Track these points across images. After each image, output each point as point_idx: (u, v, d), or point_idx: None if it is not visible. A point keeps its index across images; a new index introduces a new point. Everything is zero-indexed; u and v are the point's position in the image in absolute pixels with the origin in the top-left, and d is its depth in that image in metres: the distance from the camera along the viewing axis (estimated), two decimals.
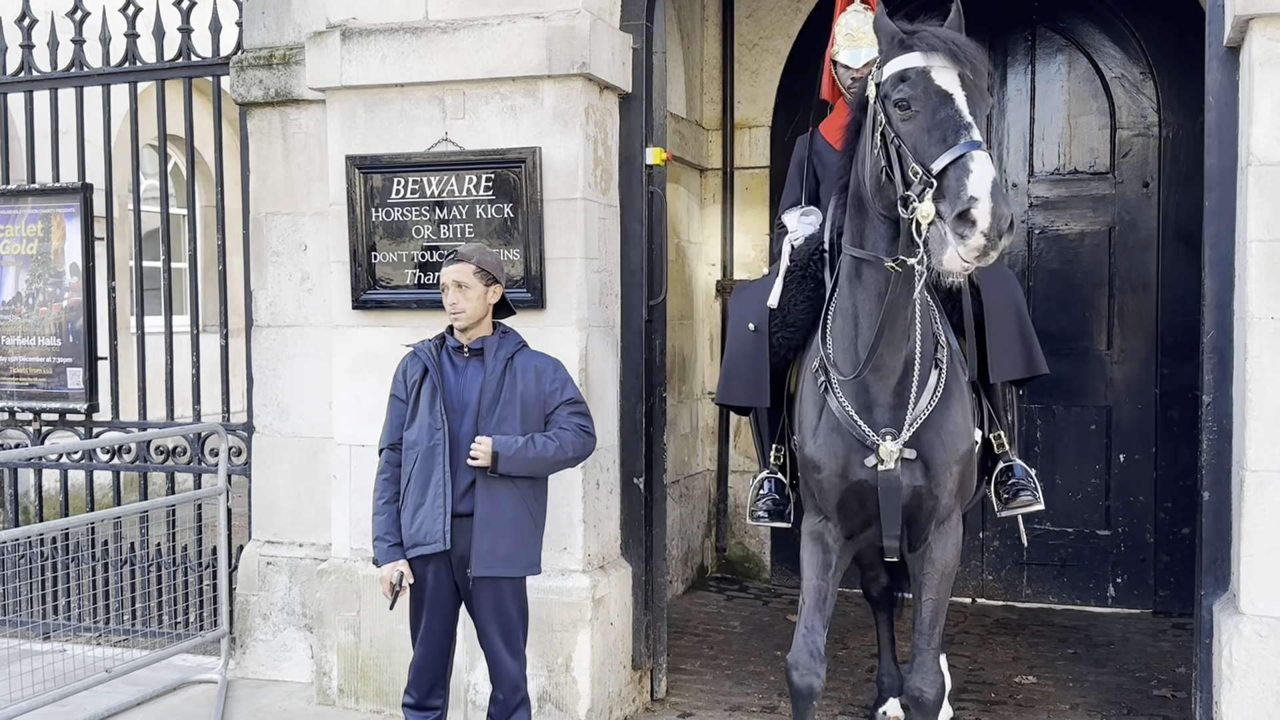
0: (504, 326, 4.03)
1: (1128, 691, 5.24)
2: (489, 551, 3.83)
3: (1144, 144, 6.50)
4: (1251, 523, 4.03)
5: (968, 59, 3.24)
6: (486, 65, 4.70)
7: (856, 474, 3.71)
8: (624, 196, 5.00)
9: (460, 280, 3.85)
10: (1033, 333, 4.17)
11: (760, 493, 4.25)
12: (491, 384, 3.87)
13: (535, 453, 3.82)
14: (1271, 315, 3.97)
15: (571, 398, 3.97)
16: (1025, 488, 4.08)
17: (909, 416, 3.64)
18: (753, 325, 4.18)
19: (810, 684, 3.90)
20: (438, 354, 3.94)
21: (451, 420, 3.84)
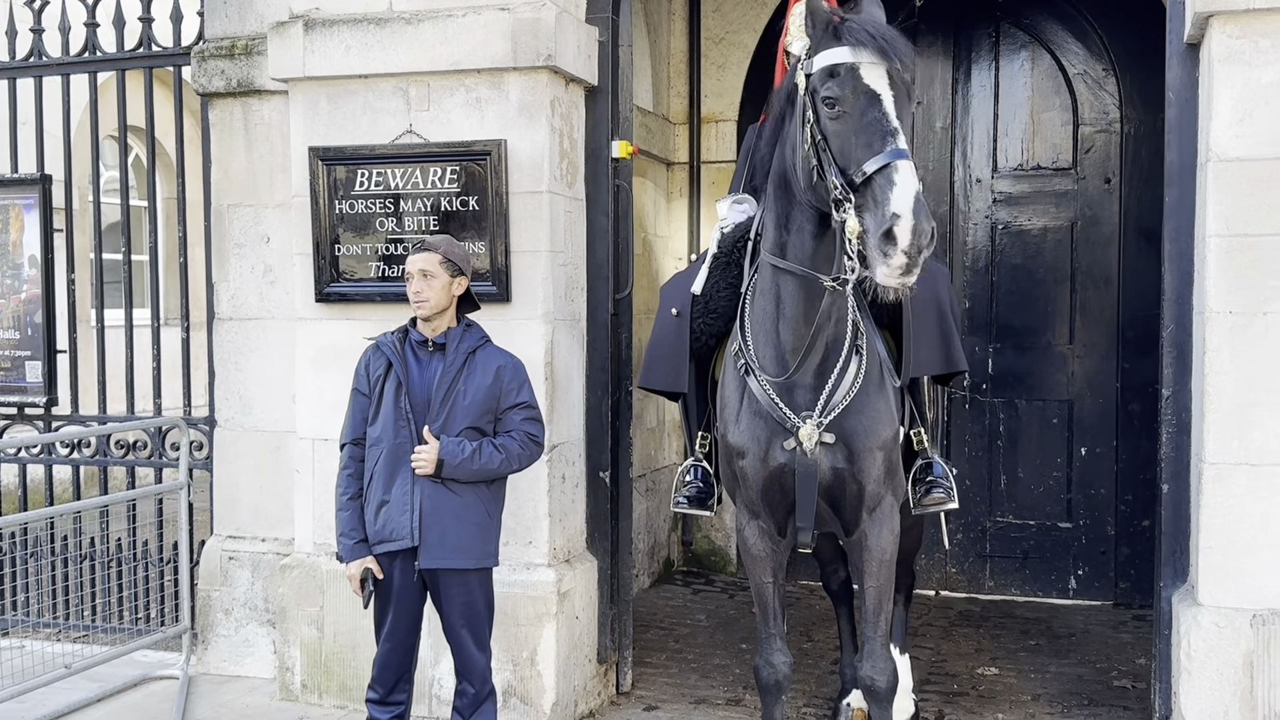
0: (469, 320, 3.99)
1: (1088, 682, 5.30)
2: (438, 543, 3.79)
3: (1106, 140, 6.56)
4: (1210, 515, 4.08)
5: (897, 55, 3.18)
6: (451, 57, 4.67)
7: (778, 459, 3.70)
8: (590, 190, 4.99)
9: (425, 269, 3.81)
10: (954, 329, 4.16)
11: (685, 480, 4.24)
12: (447, 377, 3.82)
13: (480, 464, 3.77)
14: (1230, 310, 4.02)
15: (526, 401, 3.93)
16: (939, 486, 4.08)
17: (829, 401, 3.65)
18: (675, 310, 4.17)
19: (778, 679, 3.93)
20: (401, 347, 3.89)
21: (416, 416, 3.80)
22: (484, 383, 3.85)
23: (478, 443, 3.80)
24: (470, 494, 3.82)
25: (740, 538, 3.98)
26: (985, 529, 6.72)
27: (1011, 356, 6.68)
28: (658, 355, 4.28)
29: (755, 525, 3.89)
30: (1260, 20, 3.96)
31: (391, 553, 3.84)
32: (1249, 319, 4.00)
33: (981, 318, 6.70)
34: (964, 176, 6.79)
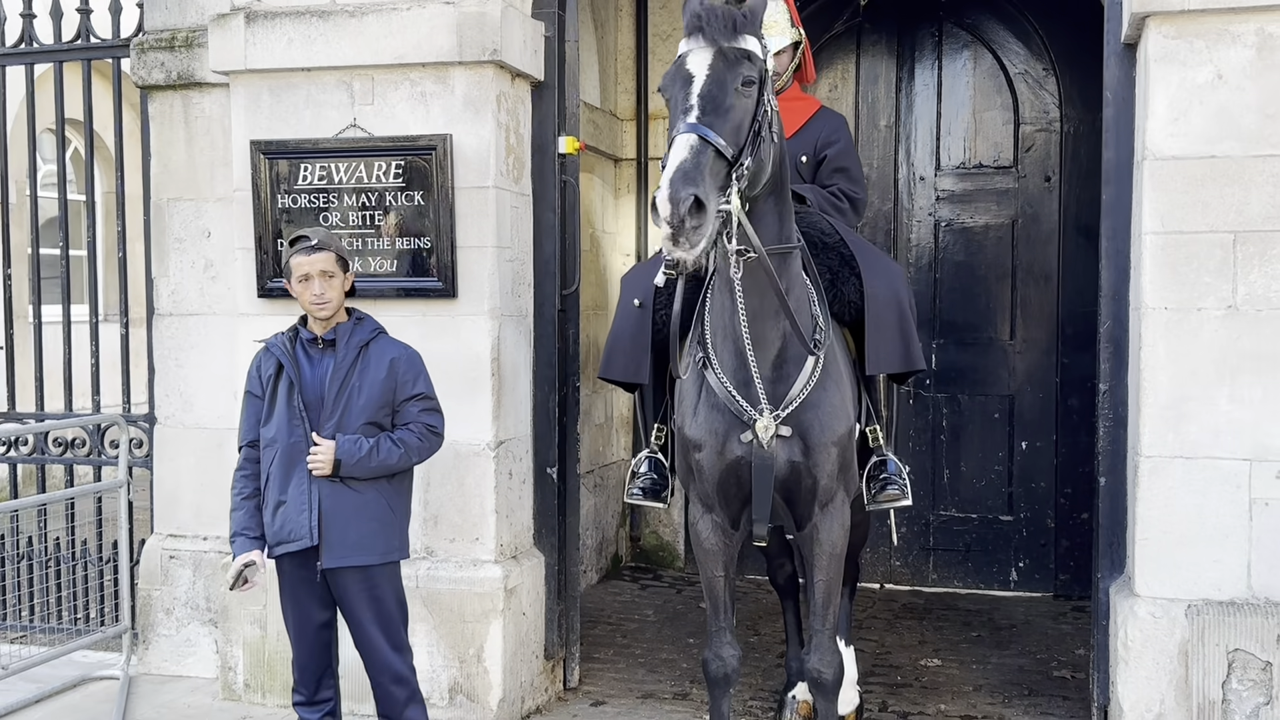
0: (359, 313, 3.92)
1: (1029, 673, 5.38)
2: (339, 541, 3.73)
3: (1046, 139, 6.66)
4: (1146, 507, 4.16)
5: (719, 30, 3.20)
6: (396, 51, 4.64)
7: (734, 452, 3.71)
8: (537, 185, 4.98)
9: (327, 269, 3.75)
10: (913, 328, 4.20)
11: (639, 471, 4.25)
12: (339, 374, 3.77)
13: (378, 460, 3.72)
14: (1165, 305, 4.10)
15: (423, 392, 3.88)
16: (894, 482, 4.12)
17: (786, 394, 3.67)
18: (638, 301, 4.18)
19: (727, 672, 3.95)
20: (291, 347, 3.83)
21: (310, 415, 3.75)
22: (378, 376, 3.79)
23: (375, 439, 3.74)
24: (371, 490, 3.77)
25: (693, 531, 3.98)
26: (929, 522, 6.80)
27: (954, 352, 6.76)
28: (618, 346, 4.28)
29: (709, 519, 3.91)
30: (1195, 21, 4.04)
31: (292, 553, 3.77)
32: (1184, 315, 4.08)
33: (925, 314, 6.77)
34: (908, 174, 6.86)
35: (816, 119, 4.65)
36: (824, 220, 4.31)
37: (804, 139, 4.60)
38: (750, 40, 3.27)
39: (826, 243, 4.17)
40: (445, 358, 4.71)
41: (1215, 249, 4.05)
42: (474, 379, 4.70)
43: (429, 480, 4.76)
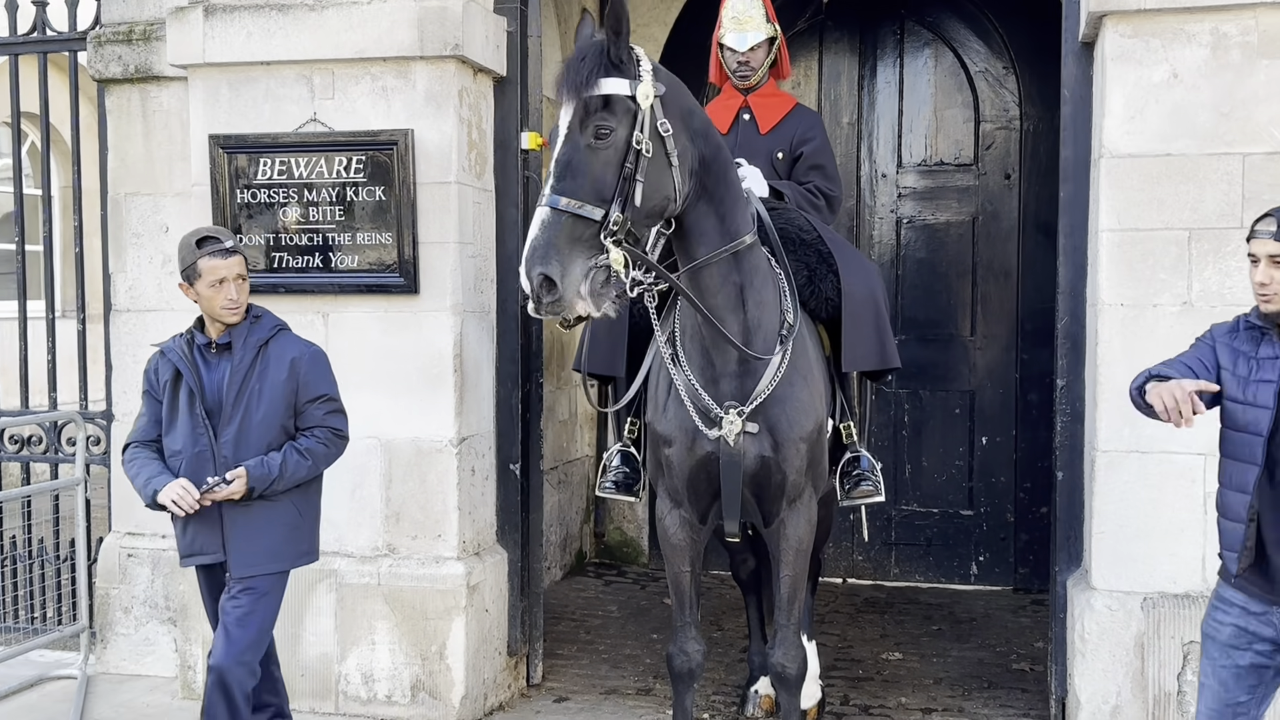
0: (257, 310, 3.77)
1: (989, 666, 5.44)
2: (250, 550, 3.66)
3: (1006, 137, 6.72)
4: (1102, 501, 4.21)
5: (578, 79, 3.14)
6: (356, 45, 4.61)
7: (704, 448, 3.73)
8: (499, 181, 4.96)
9: (241, 273, 3.66)
10: (888, 326, 4.23)
11: (610, 465, 4.26)
12: (237, 378, 3.66)
13: (288, 478, 3.64)
14: (1121, 302, 4.15)
15: (327, 394, 3.77)
16: (867, 479, 4.16)
17: (753, 390, 3.68)
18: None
19: (691, 667, 3.97)
20: (189, 352, 3.71)
21: (213, 422, 3.65)
22: (278, 378, 3.68)
23: (282, 455, 3.65)
24: (280, 497, 3.69)
25: (660, 526, 3.99)
26: (891, 517, 6.84)
27: (916, 348, 6.80)
28: (596, 340, 4.28)
29: (677, 514, 3.92)
30: (1151, 20, 4.09)
31: (203, 566, 3.75)
32: (1139, 311, 4.13)
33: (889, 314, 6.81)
34: (870, 171, 6.90)
35: (792, 116, 4.67)
36: (802, 217, 4.32)
37: (780, 135, 4.62)
38: (611, 81, 3.16)
39: (804, 239, 4.19)
40: (407, 354, 4.71)
41: (1170, 246, 4.10)
42: (436, 375, 4.68)
43: (390, 477, 4.74)
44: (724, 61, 4.65)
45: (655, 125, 3.25)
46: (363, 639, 4.75)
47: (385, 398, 4.72)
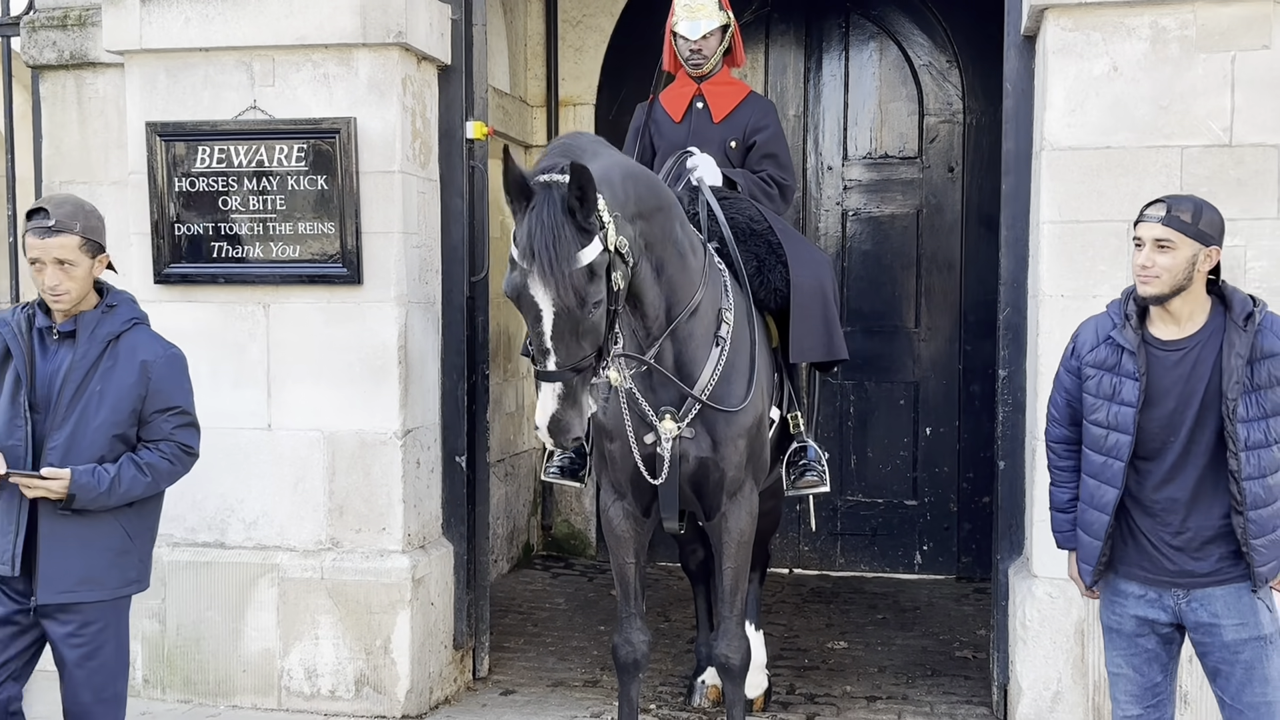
0: (115, 296, 3.28)
1: (932, 654, 5.49)
2: (58, 573, 3.15)
3: (950, 130, 6.77)
4: (1043, 490, 4.21)
5: (555, 260, 3.03)
6: (297, 31, 4.55)
7: (645, 446, 3.74)
8: (444, 171, 4.92)
9: (64, 258, 3.11)
10: (836, 317, 4.26)
11: (555, 452, 4.25)
12: (76, 374, 3.16)
13: (120, 494, 3.16)
14: (1061, 293, 4.20)
15: (180, 406, 3.29)
16: (813, 469, 4.18)
17: (690, 394, 3.68)
18: None
19: (636, 658, 3.97)
20: (27, 330, 3.20)
21: (37, 417, 3.16)
22: (126, 381, 3.20)
23: (117, 468, 3.17)
24: (106, 515, 3.19)
25: (604, 518, 3.99)
26: (836, 508, 6.88)
27: (861, 340, 6.84)
28: None
29: (620, 506, 3.91)
30: (1092, 13, 4.14)
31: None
32: (1079, 302, 4.17)
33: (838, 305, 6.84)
34: (816, 164, 6.93)
35: (746, 104, 4.66)
36: (753, 207, 4.33)
37: (733, 124, 4.62)
38: (588, 250, 3.07)
39: (755, 230, 4.19)
40: (351, 345, 4.66)
41: (1110, 238, 4.16)
42: (380, 367, 4.63)
43: (334, 470, 4.69)
44: (677, 49, 4.64)
45: (620, 253, 3.23)
46: (306, 634, 4.70)
47: (328, 389, 4.67)
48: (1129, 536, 3.11)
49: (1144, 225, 3.02)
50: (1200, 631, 3.07)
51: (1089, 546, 3.16)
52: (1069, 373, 3.22)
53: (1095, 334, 3.15)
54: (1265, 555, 2.98)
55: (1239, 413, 2.94)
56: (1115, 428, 3.05)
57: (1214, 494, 3.01)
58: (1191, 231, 2.95)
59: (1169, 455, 3.02)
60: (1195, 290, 3.00)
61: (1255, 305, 3.01)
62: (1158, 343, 3.04)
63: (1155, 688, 3.16)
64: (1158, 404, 3.01)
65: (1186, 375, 3.00)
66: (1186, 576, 3.05)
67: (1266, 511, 2.98)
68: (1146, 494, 3.06)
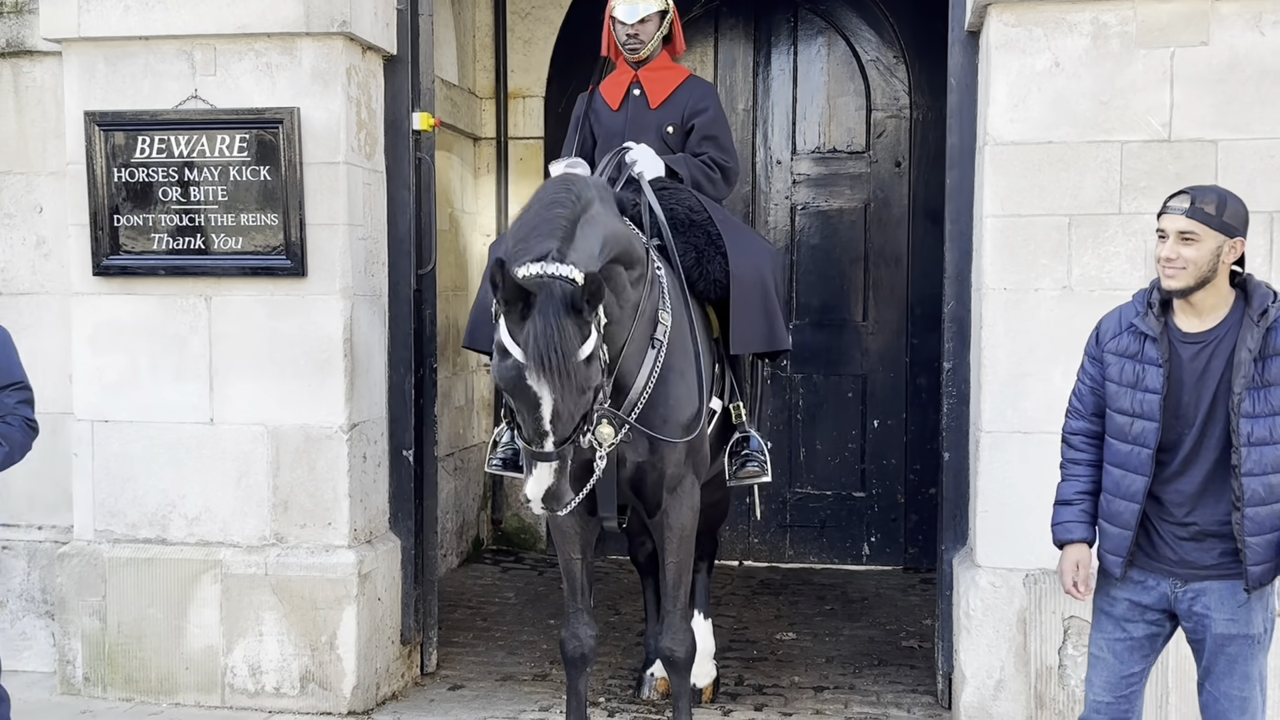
0: None
1: (879, 644, 5.54)
2: None
3: (897, 125, 6.82)
4: (987, 480, 4.31)
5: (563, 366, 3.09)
6: (239, 20, 4.49)
7: (583, 452, 3.65)
8: (390, 162, 4.87)
9: None
10: (778, 308, 4.25)
11: (500, 441, 4.23)
12: None
13: None
14: (1004, 286, 4.24)
15: (20, 381, 3.40)
16: (754, 459, 4.19)
17: (626, 400, 3.66)
18: None
19: (584, 652, 3.97)
20: None
21: None
22: None
23: None
24: None
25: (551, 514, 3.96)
26: (786, 500, 6.92)
27: (810, 333, 6.88)
28: (483, 316, 4.21)
29: None
30: (1035, 9, 4.18)
31: None
32: (1022, 295, 4.23)
33: (782, 296, 6.85)
34: (765, 158, 6.95)
35: (684, 87, 4.63)
36: (693, 197, 4.31)
37: (670, 108, 4.59)
38: (586, 345, 3.15)
39: (694, 220, 4.18)
40: (295, 338, 4.61)
41: (1051, 231, 4.20)
42: (325, 360, 4.59)
43: (278, 465, 4.64)
44: (615, 34, 4.61)
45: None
46: (250, 630, 4.65)
47: (272, 383, 4.62)
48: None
49: (1167, 217, 2.98)
50: (1192, 620, 3.09)
51: (1117, 537, 3.11)
52: (1093, 361, 3.19)
53: (1118, 322, 3.15)
54: (1259, 554, 2.98)
55: (1244, 408, 2.94)
56: (1141, 415, 3.04)
57: (1221, 489, 3.01)
58: (1215, 223, 2.93)
59: (1182, 448, 3.02)
60: (1219, 283, 2.99)
61: (1274, 301, 2.99)
62: (1179, 334, 3.03)
63: (1130, 678, 3.18)
64: (1174, 396, 3.01)
65: (1203, 369, 2.99)
66: (1186, 567, 3.06)
67: (1264, 510, 2.97)
68: (1157, 486, 3.06)
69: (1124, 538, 3.09)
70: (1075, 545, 3.21)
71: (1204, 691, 3.15)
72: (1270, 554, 3.00)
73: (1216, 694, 3.10)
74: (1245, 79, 4.08)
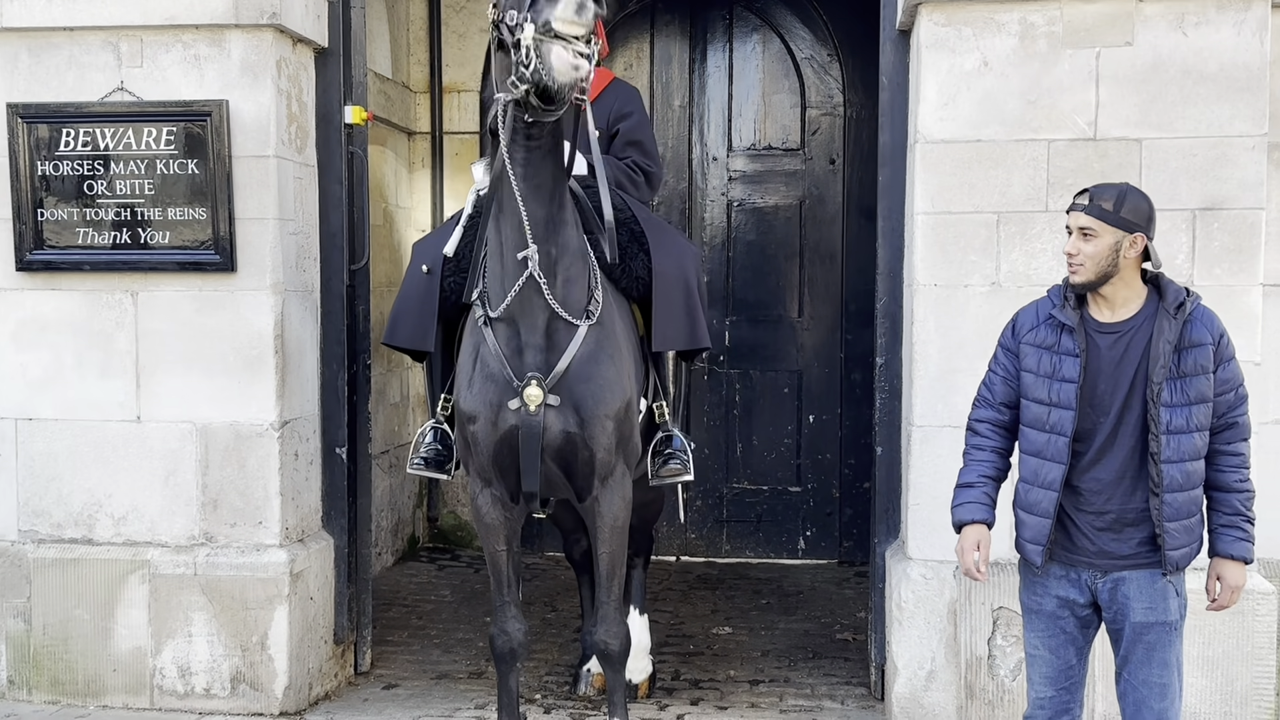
0: None
1: (814, 637, 5.59)
2: None
3: (831, 122, 6.88)
4: (918, 474, 4.36)
5: None
6: (166, 11, 4.41)
7: (508, 421, 3.69)
8: (322, 156, 4.82)
9: None
10: (699, 306, 4.26)
11: (422, 441, 4.20)
12: None
13: None
14: (935, 282, 4.30)
15: None
16: (677, 458, 4.21)
17: (556, 362, 3.67)
18: (426, 267, 4.10)
19: (513, 647, 3.95)
20: None
21: None
22: None
23: None
24: None
25: (474, 506, 3.96)
26: (723, 495, 6.96)
27: (747, 329, 6.92)
28: (405, 312, 4.19)
29: (488, 493, 3.89)
30: (964, 9, 4.23)
31: None
32: (951, 291, 4.29)
33: (719, 292, 6.91)
34: (701, 155, 6.97)
35: (609, 91, 4.62)
36: (617, 195, 4.31)
37: (597, 111, 4.54)
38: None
39: (618, 218, 4.18)
40: (225, 334, 4.55)
41: (981, 229, 4.27)
42: (255, 357, 4.53)
43: (208, 463, 4.57)
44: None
45: None
46: (179, 631, 4.58)
47: (201, 380, 4.55)
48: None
49: (1071, 214, 3.10)
50: (1112, 610, 3.17)
51: (1036, 526, 3.18)
52: (1007, 352, 3.27)
53: (1035, 315, 3.23)
54: (1177, 539, 3.08)
55: (1163, 397, 3.04)
56: (1058, 404, 3.12)
57: (1138, 478, 3.10)
58: (1113, 219, 3.03)
59: (1098, 436, 3.11)
60: (1126, 277, 3.08)
61: (1188, 296, 3.10)
62: (1095, 324, 3.13)
63: (1069, 670, 3.25)
64: (1090, 385, 3.10)
65: (1118, 359, 3.09)
66: (1105, 557, 3.14)
67: (1182, 496, 3.07)
68: (1074, 475, 3.14)
69: (1043, 526, 3.17)
70: (975, 526, 3.27)
71: (1122, 679, 3.22)
72: (1186, 539, 3.11)
73: (1135, 681, 3.18)
74: (1168, 79, 4.17)
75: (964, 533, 3.29)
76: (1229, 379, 3.12)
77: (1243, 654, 4.15)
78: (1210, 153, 4.16)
